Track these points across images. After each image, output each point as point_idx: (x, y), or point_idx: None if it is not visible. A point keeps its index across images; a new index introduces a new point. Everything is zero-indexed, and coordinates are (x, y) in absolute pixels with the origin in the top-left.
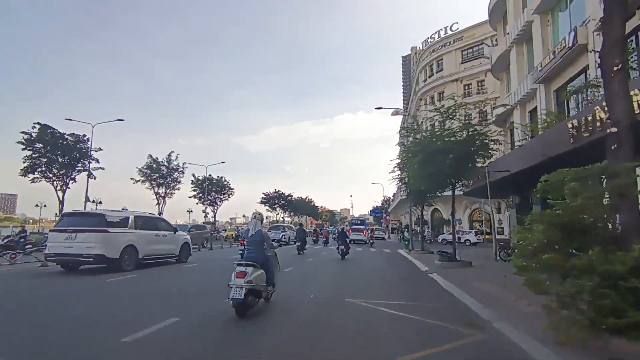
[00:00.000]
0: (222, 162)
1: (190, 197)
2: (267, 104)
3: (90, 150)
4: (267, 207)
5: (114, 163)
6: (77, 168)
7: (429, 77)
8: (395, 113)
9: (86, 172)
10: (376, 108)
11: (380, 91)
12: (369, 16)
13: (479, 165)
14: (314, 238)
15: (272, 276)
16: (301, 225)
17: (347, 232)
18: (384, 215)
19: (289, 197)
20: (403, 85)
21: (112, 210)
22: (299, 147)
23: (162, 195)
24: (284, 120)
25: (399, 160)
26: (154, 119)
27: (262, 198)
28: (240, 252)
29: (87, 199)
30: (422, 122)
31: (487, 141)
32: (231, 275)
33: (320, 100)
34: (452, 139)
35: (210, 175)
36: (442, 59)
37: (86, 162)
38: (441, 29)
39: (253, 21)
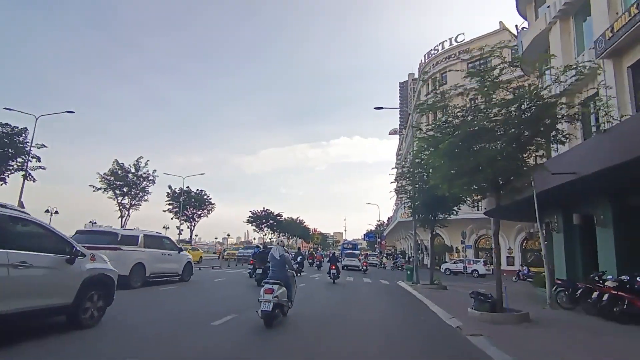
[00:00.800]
0: (202, 174)
1: (164, 211)
2: (265, 125)
3: (30, 145)
4: (253, 227)
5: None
6: (9, 166)
7: (432, 91)
8: (394, 132)
9: (22, 172)
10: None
11: (377, 116)
12: (369, 42)
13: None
14: (310, 261)
15: (291, 293)
16: (299, 249)
17: (341, 257)
18: (379, 239)
19: (278, 217)
20: (400, 110)
21: (123, 229)
22: (295, 169)
23: (127, 206)
24: (281, 142)
25: (405, 165)
26: (152, 135)
27: (249, 217)
28: (249, 271)
29: (21, 205)
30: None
31: (560, 119)
32: (260, 291)
33: (318, 123)
34: (500, 115)
35: (188, 187)
36: (446, 72)
37: (21, 160)
38: (445, 40)
39: (253, 42)
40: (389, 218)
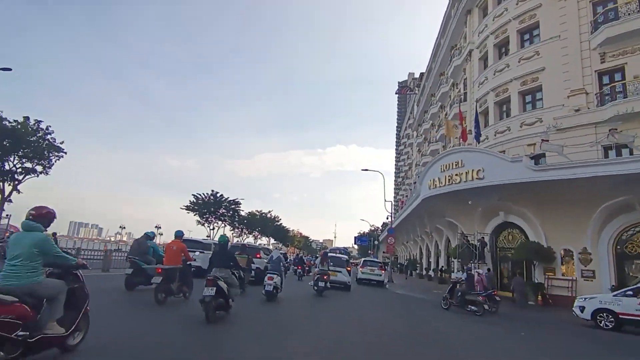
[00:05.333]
0: (6, 69)
1: None
2: (261, 130)
3: None
4: (196, 217)
5: (97, 177)
6: None
7: None
8: (402, 91)
9: None
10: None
11: (374, 125)
12: (366, 52)
13: None
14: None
15: (282, 281)
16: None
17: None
18: (376, 243)
19: (234, 206)
20: (398, 111)
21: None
22: (289, 175)
23: None
24: (277, 147)
25: None
26: (148, 138)
27: (190, 202)
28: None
29: None
30: None
31: None
32: (264, 279)
33: (314, 130)
34: None
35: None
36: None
37: None
38: None
39: (252, 49)
40: (383, 223)
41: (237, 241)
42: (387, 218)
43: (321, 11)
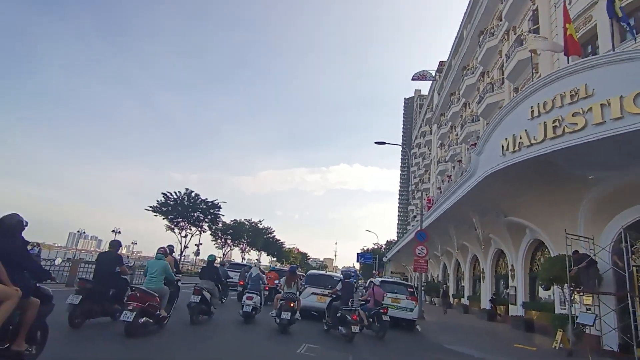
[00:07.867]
0: None
1: None
2: (265, 147)
3: None
4: (166, 221)
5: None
6: None
7: None
8: (420, 77)
9: None
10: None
11: (378, 146)
12: (374, 71)
13: None
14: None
15: (262, 301)
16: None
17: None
18: (384, 258)
19: (214, 209)
20: (403, 128)
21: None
22: (292, 193)
23: None
24: (281, 164)
25: None
26: (152, 151)
27: (158, 202)
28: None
29: None
30: None
31: None
32: (243, 298)
33: (318, 148)
34: None
35: None
36: None
37: None
38: None
39: (259, 66)
40: (386, 242)
41: (223, 253)
42: (416, 214)
43: (331, 32)
